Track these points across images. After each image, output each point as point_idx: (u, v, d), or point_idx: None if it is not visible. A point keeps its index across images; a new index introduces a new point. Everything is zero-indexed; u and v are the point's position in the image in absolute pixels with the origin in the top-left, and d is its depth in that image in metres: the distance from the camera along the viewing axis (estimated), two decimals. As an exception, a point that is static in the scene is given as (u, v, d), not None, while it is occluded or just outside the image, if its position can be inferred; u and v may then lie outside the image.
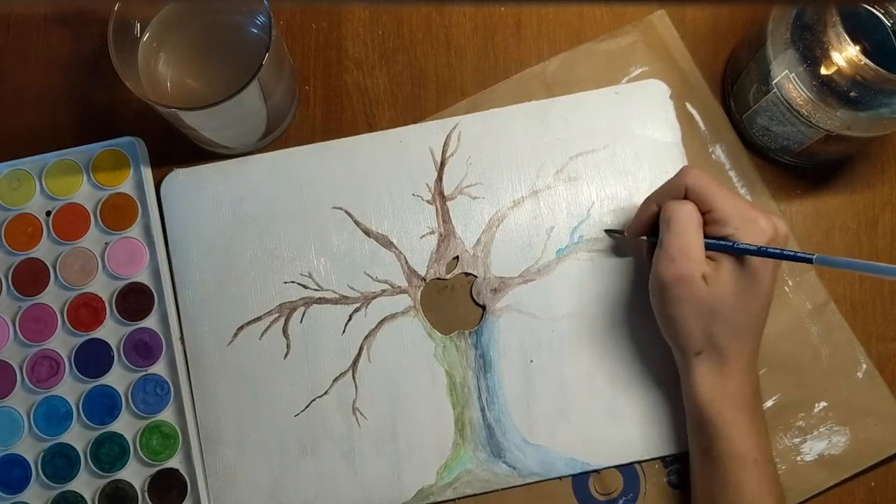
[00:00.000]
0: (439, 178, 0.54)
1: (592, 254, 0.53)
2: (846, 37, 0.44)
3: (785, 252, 0.44)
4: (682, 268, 0.45)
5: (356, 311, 0.53)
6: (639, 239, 0.51)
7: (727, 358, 0.46)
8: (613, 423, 0.52)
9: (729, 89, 0.55)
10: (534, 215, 0.54)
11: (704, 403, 0.46)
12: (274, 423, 0.52)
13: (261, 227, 0.54)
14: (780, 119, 0.50)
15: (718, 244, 0.45)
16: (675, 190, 0.47)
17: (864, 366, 0.52)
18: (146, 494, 0.52)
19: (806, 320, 0.53)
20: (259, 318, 0.53)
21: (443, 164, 0.55)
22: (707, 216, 0.46)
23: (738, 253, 0.45)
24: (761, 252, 0.44)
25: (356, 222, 0.54)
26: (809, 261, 0.42)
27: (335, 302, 0.53)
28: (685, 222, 0.46)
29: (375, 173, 0.54)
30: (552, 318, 0.53)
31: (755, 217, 0.45)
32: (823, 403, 0.52)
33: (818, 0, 0.46)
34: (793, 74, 0.47)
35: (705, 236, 0.46)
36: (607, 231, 0.54)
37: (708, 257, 0.46)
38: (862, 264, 0.41)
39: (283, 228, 0.54)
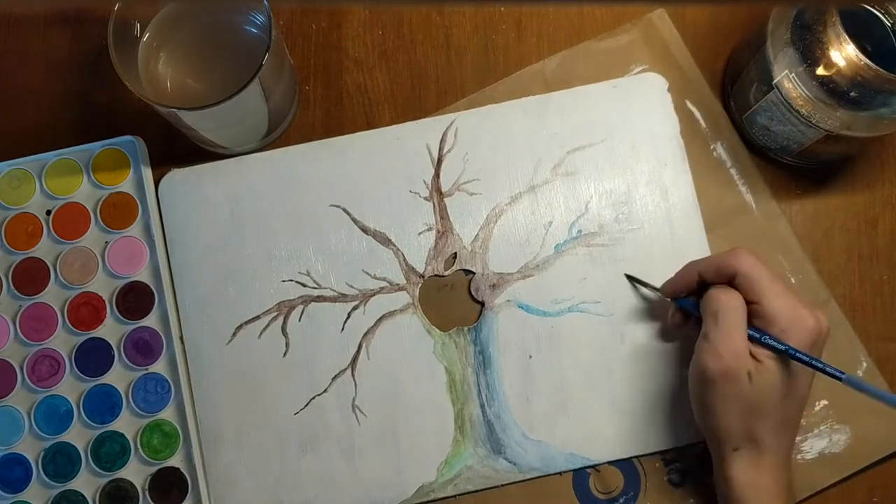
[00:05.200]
0: (436, 175, 0.55)
1: (591, 248, 0.53)
2: (846, 37, 0.44)
3: (826, 368, 0.43)
4: (729, 364, 0.44)
5: (355, 308, 0.53)
6: (667, 300, 0.51)
7: (764, 453, 0.45)
8: (613, 417, 0.52)
9: (729, 89, 0.55)
10: (531, 211, 0.54)
11: (737, 496, 0.45)
12: (274, 421, 0.52)
13: (258, 225, 0.54)
14: (780, 119, 0.50)
15: (770, 344, 0.44)
16: (725, 269, 0.46)
17: (865, 364, 0.52)
18: (147, 493, 0.52)
19: (808, 318, 0.53)
20: (258, 317, 0.53)
21: (440, 160, 0.55)
22: (752, 307, 0.45)
23: (790, 357, 0.44)
24: (810, 363, 0.44)
25: (353, 220, 0.54)
26: (839, 379, 0.43)
27: (334, 300, 0.53)
28: (734, 319, 0.45)
29: (372, 171, 0.54)
30: (551, 313, 0.53)
31: (803, 316, 0.44)
32: (824, 402, 0.52)
33: (818, 0, 0.46)
34: (793, 74, 0.47)
35: (752, 329, 0.45)
36: (629, 278, 0.53)
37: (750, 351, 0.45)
38: (889, 397, 0.42)
39: (281, 227, 0.54)
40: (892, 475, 0.52)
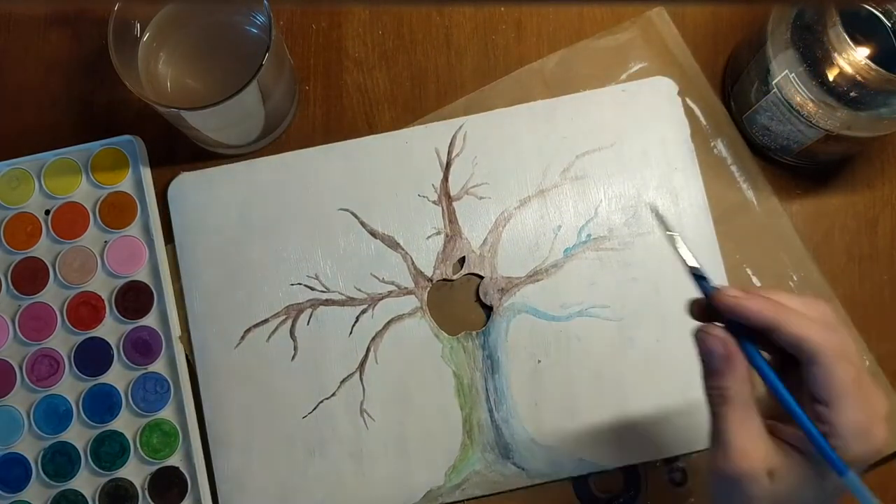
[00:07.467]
0: (445, 179, 0.54)
1: (600, 253, 0.53)
2: (846, 37, 0.44)
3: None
4: (739, 466, 0.36)
5: (363, 312, 0.53)
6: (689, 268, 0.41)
7: None
8: (622, 423, 0.52)
9: (729, 89, 0.55)
10: (541, 215, 0.54)
11: None
12: (282, 425, 0.52)
13: (267, 229, 0.54)
14: (781, 119, 0.50)
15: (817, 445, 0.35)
16: (795, 345, 0.35)
17: (867, 363, 0.52)
18: (146, 493, 0.52)
19: (810, 317, 0.53)
20: (266, 321, 0.53)
21: (448, 164, 0.55)
22: (816, 407, 0.35)
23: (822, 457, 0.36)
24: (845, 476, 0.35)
25: (362, 224, 0.54)
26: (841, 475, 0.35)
27: (342, 303, 0.53)
28: (741, 417, 0.36)
29: (381, 175, 0.54)
30: (560, 318, 0.53)
31: (874, 435, 0.35)
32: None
33: (818, 0, 0.46)
34: (793, 74, 0.47)
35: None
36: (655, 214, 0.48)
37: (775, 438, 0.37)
38: None
39: (290, 230, 0.54)
40: (892, 475, 0.52)
